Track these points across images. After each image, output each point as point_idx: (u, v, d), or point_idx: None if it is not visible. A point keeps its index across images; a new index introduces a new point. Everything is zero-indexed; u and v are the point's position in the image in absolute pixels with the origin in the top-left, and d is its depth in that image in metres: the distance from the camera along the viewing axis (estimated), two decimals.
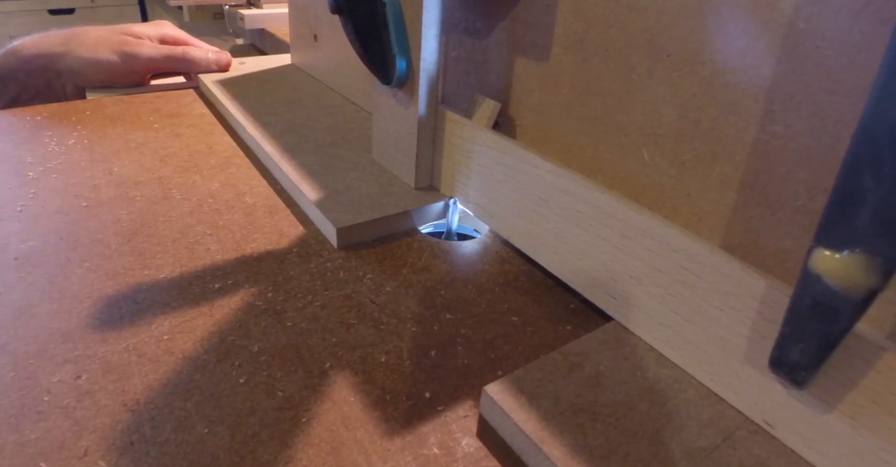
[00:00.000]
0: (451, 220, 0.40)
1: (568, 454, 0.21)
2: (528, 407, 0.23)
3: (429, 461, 0.22)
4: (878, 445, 0.20)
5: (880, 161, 0.17)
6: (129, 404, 0.24)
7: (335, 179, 0.40)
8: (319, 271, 0.33)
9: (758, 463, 0.22)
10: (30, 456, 0.22)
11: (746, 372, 0.23)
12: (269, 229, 0.37)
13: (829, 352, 0.20)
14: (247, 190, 0.41)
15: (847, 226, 0.18)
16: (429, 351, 0.28)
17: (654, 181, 0.28)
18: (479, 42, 0.37)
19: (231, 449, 0.22)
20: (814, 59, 0.21)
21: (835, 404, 0.21)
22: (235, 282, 0.32)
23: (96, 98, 0.57)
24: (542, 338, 0.29)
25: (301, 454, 0.22)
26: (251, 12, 0.83)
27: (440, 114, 0.36)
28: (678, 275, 0.25)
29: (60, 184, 0.41)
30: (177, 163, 0.45)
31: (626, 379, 0.25)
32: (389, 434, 0.23)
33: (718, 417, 0.24)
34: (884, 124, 0.16)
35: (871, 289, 0.18)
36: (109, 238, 0.35)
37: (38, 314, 0.29)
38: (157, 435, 0.23)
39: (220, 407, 0.24)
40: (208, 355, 0.27)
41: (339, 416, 0.24)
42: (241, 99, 0.54)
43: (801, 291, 0.19)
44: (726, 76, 0.24)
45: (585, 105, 0.31)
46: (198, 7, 1.51)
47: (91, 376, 0.25)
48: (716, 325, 0.24)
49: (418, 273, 0.33)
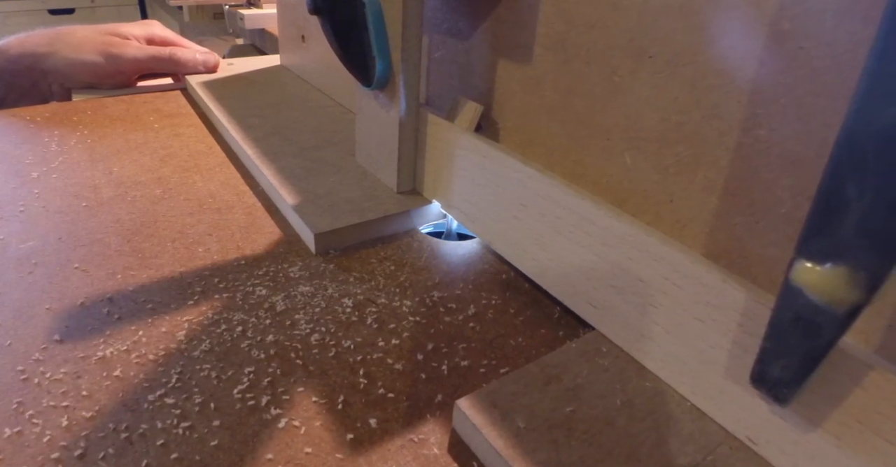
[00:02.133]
0: (451, 220, 0.39)
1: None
2: (500, 422, 0.22)
3: (429, 461, 0.22)
4: (863, 466, 0.19)
5: (864, 169, 0.16)
6: (130, 404, 0.24)
7: (316, 183, 0.39)
8: (320, 271, 0.33)
9: None
10: (30, 455, 0.22)
11: (728, 387, 0.22)
12: (269, 229, 0.37)
13: (812, 369, 0.19)
14: (247, 189, 0.41)
15: (829, 237, 0.17)
16: (428, 352, 0.27)
17: (636, 186, 0.27)
18: (462, 43, 0.36)
19: (231, 449, 0.22)
20: (799, 60, 0.20)
21: (819, 422, 0.20)
22: (235, 281, 0.32)
23: (96, 98, 0.57)
24: (540, 340, 0.28)
25: (301, 455, 0.22)
26: (251, 12, 0.82)
27: (422, 116, 0.36)
28: (659, 284, 0.24)
29: (60, 184, 0.41)
30: (177, 163, 0.45)
31: (605, 392, 0.24)
32: (389, 435, 0.23)
33: (700, 433, 0.23)
34: (868, 130, 0.15)
35: (854, 304, 0.17)
36: (109, 238, 0.35)
37: (38, 314, 0.29)
38: (157, 435, 0.23)
39: (220, 407, 0.24)
40: (209, 355, 0.27)
41: (339, 417, 0.24)
42: (226, 100, 0.53)
43: (783, 305, 0.18)
44: (709, 78, 0.23)
45: (568, 107, 0.30)
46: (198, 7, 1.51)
47: (91, 376, 0.25)
48: (697, 337, 0.23)
49: (418, 273, 0.33)
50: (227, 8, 0.92)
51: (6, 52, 0.59)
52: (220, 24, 1.23)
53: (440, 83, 0.39)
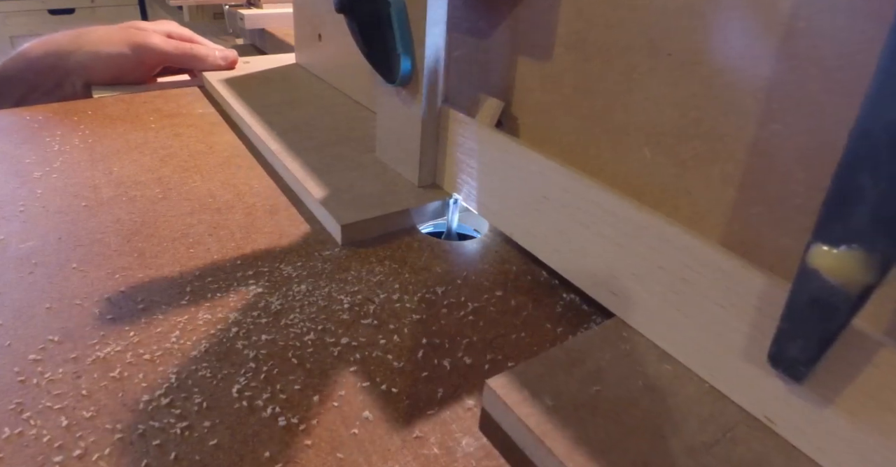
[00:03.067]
0: (451, 220, 0.40)
1: (570, 448, 0.21)
2: (530, 401, 0.23)
3: (429, 461, 0.23)
4: (877, 441, 0.20)
5: (877, 160, 0.17)
6: (129, 404, 0.24)
7: (339, 177, 0.40)
8: (319, 270, 0.33)
9: (758, 459, 0.22)
10: (30, 455, 0.22)
11: (746, 369, 0.23)
12: (269, 229, 0.37)
13: (827, 348, 0.20)
14: (247, 189, 0.42)
15: (844, 223, 0.18)
16: (429, 350, 0.28)
17: (655, 180, 0.28)
18: (482, 42, 0.37)
19: (231, 449, 0.23)
20: (813, 58, 0.22)
21: (833, 399, 0.21)
22: (235, 281, 0.32)
23: (96, 98, 0.58)
24: (542, 337, 0.29)
25: (301, 454, 0.22)
26: (251, 12, 0.83)
27: (443, 112, 0.37)
28: (679, 272, 0.25)
29: (61, 184, 0.41)
30: (177, 163, 0.45)
31: (627, 374, 0.25)
32: (389, 433, 0.24)
33: (719, 413, 0.24)
34: (881, 123, 0.16)
35: (867, 284, 0.18)
36: (109, 238, 0.35)
37: (38, 314, 0.29)
38: (157, 435, 0.23)
39: (220, 406, 0.24)
40: (208, 355, 0.27)
41: (339, 416, 0.24)
42: (245, 97, 0.55)
43: (799, 287, 0.20)
44: (726, 75, 0.24)
45: (587, 104, 0.31)
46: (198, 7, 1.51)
47: (91, 376, 0.25)
48: (716, 322, 0.24)
49: (418, 272, 0.33)
50: (227, 8, 0.92)
51: (28, 54, 0.60)
52: (220, 24, 1.23)
53: (460, 80, 0.40)
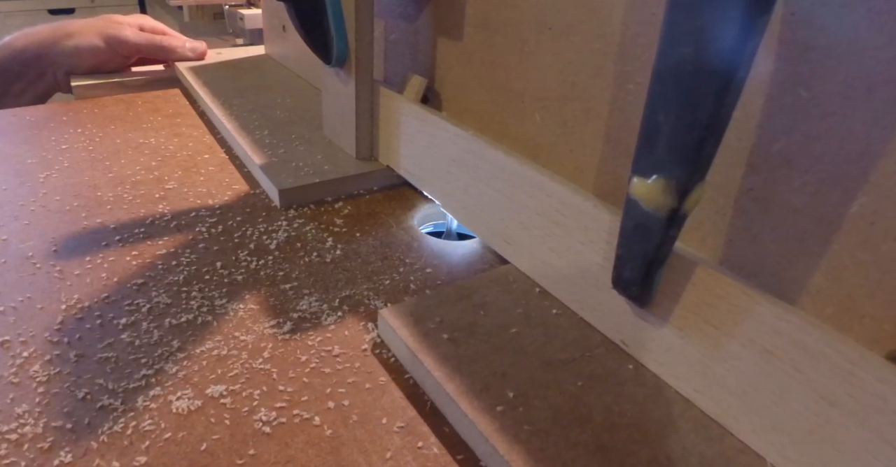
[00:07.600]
0: (451, 220, 0.42)
1: (438, 360, 0.25)
2: (413, 326, 0.27)
3: (429, 460, 0.23)
4: (700, 351, 0.23)
5: (668, 98, 0.20)
6: (129, 403, 0.24)
7: (286, 151, 0.44)
8: (320, 268, 0.33)
9: (607, 372, 0.25)
10: (30, 456, 0.22)
11: (605, 298, 0.27)
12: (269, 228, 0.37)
13: (654, 268, 0.23)
14: (246, 188, 0.42)
15: (650, 156, 0.21)
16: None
17: (546, 140, 0.32)
18: (411, 25, 0.41)
19: (231, 449, 0.23)
20: (653, 24, 0.25)
21: (668, 319, 0.24)
22: (236, 280, 0.32)
23: (96, 98, 0.60)
24: None
25: (301, 454, 0.23)
26: (251, 12, 0.84)
27: (376, 90, 0.40)
28: (553, 216, 0.28)
29: (61, 184, 0.41)
30: (177, 163, 0.45)
31: (507, 307, 0.29)
32: (389, 433, 0.24)
33: (583, 338, 0.27)
34: (668, 66, 0.20)
35: (671, 208, 0.21)
36: (109, 238, 0.35)
37: (38, 314, 0.29)
38: (157, 435, 0.23)
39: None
40: (209, 354, 0.27)
41: (339, 416, 0.24)
42: (212, 84, 0.58)
43: (626, 215, 0.23)
44: (593, 43, 0.28)
45: (492, 77, 0.34)
46: (198, 7, 1.55)
47: (91, 376, 0.26)
48: (581, 258, 0.27)
49: (415, 272, 0.33)
50: (227, 8, 0.94)
51: (12, 45, 0.64)
52: (220, 24, 1.25)
53: (396, 62, 0.44)
